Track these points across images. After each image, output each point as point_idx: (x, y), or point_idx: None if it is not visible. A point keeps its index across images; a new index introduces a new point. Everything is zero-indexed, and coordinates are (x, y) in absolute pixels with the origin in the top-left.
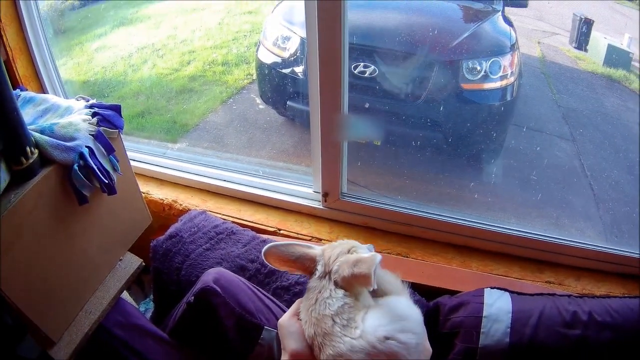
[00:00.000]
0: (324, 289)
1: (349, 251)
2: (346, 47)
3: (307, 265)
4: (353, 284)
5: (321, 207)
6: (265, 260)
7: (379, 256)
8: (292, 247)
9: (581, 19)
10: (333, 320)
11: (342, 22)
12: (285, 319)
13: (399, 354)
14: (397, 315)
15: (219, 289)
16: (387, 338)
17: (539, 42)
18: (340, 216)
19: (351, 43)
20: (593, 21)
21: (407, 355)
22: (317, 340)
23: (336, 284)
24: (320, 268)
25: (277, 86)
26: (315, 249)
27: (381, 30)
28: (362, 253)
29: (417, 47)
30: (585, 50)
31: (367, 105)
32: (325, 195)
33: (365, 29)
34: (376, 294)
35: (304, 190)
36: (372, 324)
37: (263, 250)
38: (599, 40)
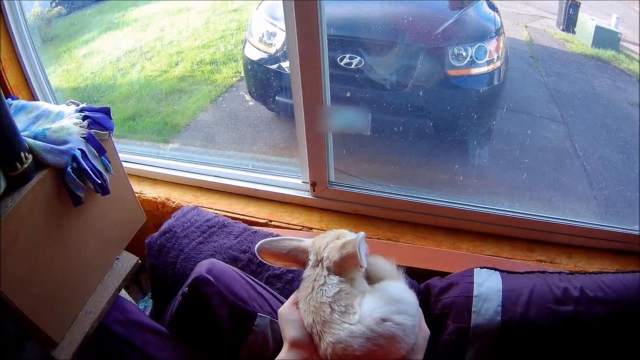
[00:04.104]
0: (318, 276)
1: (337, 238)
2: (324, 40)
3: (300, 257)
4: (345, 267)
5: (310, 196)
6: (259, 258)
7: (362, 233)
8: (282, 241)
9: (567, 1)
10: (331, 308)
11: (319, 15)
12: (285, 307)
13: (396, 335)
14: (391, 298)
15: (211, 279)
16: (383, 320)
17: (526, 26)
18: (329, 205)
19: (336, 35)
20: (580, 3)
21: (404, 336)
22: (317, 328)
23: (329, 270)
24: (312, 257)
25: (265, 82)
26: (306, 241)
27: (365, 21)
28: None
29: (402, 36)
30: (573, 32)
31: (353, 96)
32: (313, 185)
33: (349, 21)
34: (372, 280)
35: (293, 181)
36: (368, 307)
37: (256, 248)
38: (587, 22)
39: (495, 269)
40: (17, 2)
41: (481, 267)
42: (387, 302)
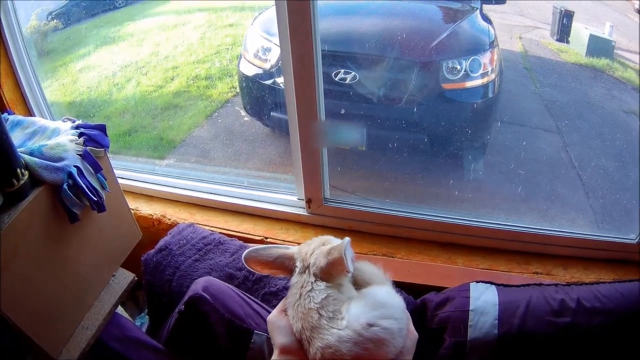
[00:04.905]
0: (305, 283)
1: (323, 244)
2: (319, 55)
3: (287, 264)
4: (331, 272)
5: (306, 213)
6: (246, 266)
7: (347, 239)
8: (269, 249)
9: (561, 11)
10: (319, 314)
11: (314, 30)
12: (273, 315)
13: (384, 339)
14: (377, 303)
15: (208, 297)
16: (370, 325)
17: (520, 37)
18: (324, 221)
19: (330, 50)
20: (573, 12)
21: (391, 340)
22: (305, 334)
23: (316, 277)
24: (299, 264)
25: (260, 97)
26: (292, 249)
27: (360, 36)
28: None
29: (396, 50)
30: (567, 42)
31: (347, 111)
32: (308, 201)
33: (343, 36)
34: (359, 285)
35: (288, 198)
36: (355, 312)
37: (243, 256)
38: (581, 31)
39: (492, 283)
40: (14, 16)
41: (477, 281)
42: (373, 306)
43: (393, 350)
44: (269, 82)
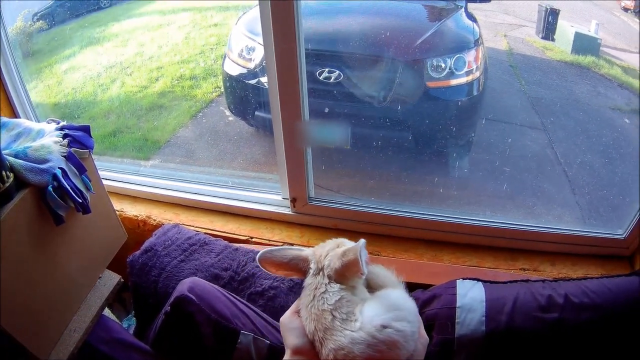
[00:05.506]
0: (319, 284)
1: (337, 246)
2: (302, 54)
3: (301, 266)
4: (346, 274)
5: (291, 212)
6: (260, 267)
7: (362, 241)
8: (284, 251)
9: (547, 9)
10: (332, 315)
11: (297, 30)
12: (286, 316)
13: (397, 342)
14: (391, 305)
15: (194, 297)
16: (384, 327)
17: (505, 35)
18: (310, 220)
19: (314, 49)
20: (559, 10)
21: (404, 342)
22: (318, 336)
23: (330, 278)
24: (313, 266)
25: (245, 97)
26: (306, 250)
27: (344, 35)
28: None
29: (380, 49)
30: (553, 39)
31: (332, 110)
32: (293, 200)
33: (328, 35)
34: (372, 288)
35: (273, 197)
36: (368, 314)
37: (257, 257)
38: (566, 29)
39: (478, 280)
40: None
41: (464, 279)
42: (387, 309)
43: (405, 353)
44: (253, 81)
